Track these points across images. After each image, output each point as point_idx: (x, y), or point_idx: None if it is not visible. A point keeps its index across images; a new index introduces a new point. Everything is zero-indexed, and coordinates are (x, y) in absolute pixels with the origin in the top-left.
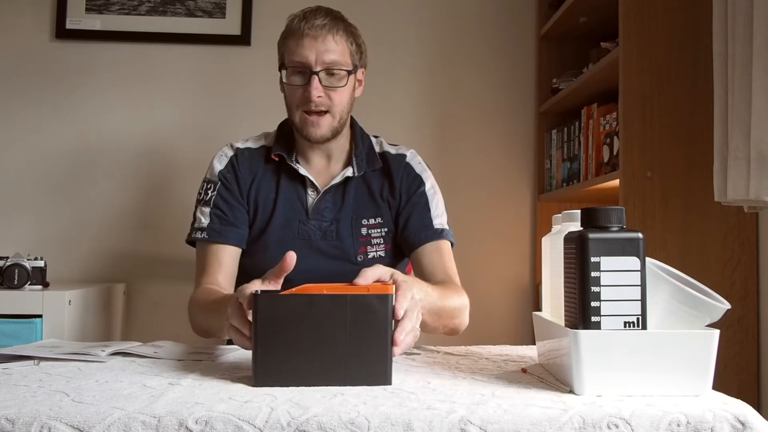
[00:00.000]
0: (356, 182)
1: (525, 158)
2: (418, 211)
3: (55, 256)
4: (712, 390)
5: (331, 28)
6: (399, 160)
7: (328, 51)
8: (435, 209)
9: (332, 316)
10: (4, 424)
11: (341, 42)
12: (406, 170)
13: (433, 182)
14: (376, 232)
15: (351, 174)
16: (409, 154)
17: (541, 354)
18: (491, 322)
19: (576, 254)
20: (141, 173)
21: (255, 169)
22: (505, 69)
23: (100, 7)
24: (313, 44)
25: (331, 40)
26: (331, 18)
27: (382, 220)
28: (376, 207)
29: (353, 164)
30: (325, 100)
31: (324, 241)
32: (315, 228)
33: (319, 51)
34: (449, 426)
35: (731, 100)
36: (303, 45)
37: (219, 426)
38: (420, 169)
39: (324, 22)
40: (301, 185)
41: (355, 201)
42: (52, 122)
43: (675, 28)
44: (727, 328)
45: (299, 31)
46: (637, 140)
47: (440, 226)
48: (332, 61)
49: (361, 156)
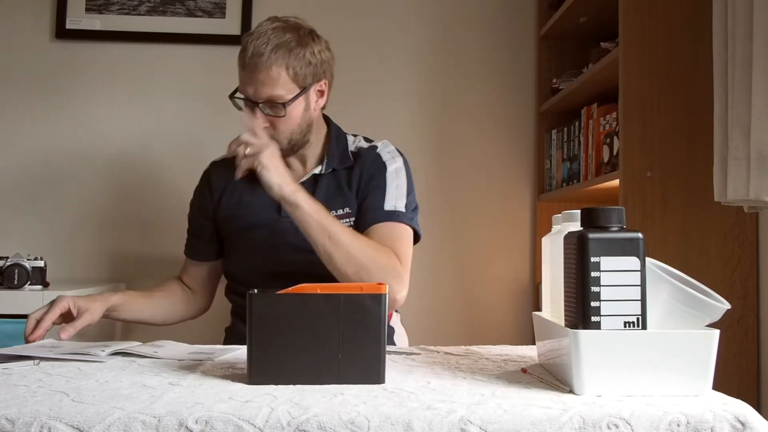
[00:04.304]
0: (327, 179)
1: (525, 158)
2: (373, 193)
3: (55, 256)
4: (712, 390)
5: (269, 59)
6: (370, 151)
7: (265, 85)
8: (393, 191)
9: (326, 315)
10: (4, 424)
11: (281, 72)
12: (372, 157)
13: (399, 167)
14: (345, 221)
15: (319, 171)
16: (381, 145)
17: (541, 354)
18: (491, 322)
19: (576, 254)
20: (141, 173)
21: (228, 176)
22: (505, 69)
23: (100, 7)
24: (252, 77)
25: (269, 73)
26: (273, 45)
27: (350, 210)
28: (343, 198)
29: (324, 163)
30: (270, 129)
31: (297, 236)
32: (288, 225)
33: (258, 86)
34: (449, 426)
35: (731, 100)
36: (244, 77)
37: (219, 426)
38: (387, 157)
39: (264, 50)
40: None
41: (325, 195)
42: (52, 122)
43: (675, 28)
44: (727, 328)
45: (242, 59)
46: (637, 140)
47: (392, 208)
48: (271, 96)
49: (333, 155)
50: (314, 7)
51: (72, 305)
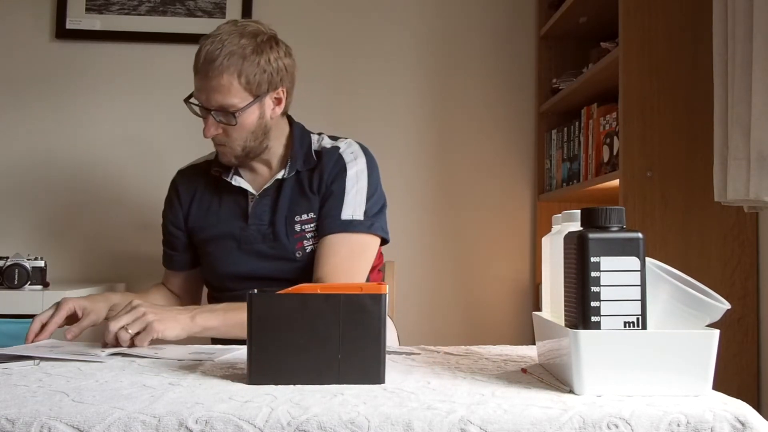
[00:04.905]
0: (290, 183)
1: (525, 158)
2: (331, 200)
3: (55, 256)
4: (712, 390)
5: (220, 65)
6: (333, 152)
7: (216, 92)
8: (353, 198)
9: (326, 315)
10: (4, 424)
11: (233, 81)
12: (334, 159)
13: (360, 169)
14: (310, 226)
15: (281, 176)
16: (343, 145)
17: (541, 354)
18: (491, 322)
19: (576, 254)
20: (141, 173)
21: (194, 185)
22: (505, 69)
23: (100, 7)
24: (204, 84)
25: (220, 81)
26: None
27: (314, 214)
28: (308, 202)
29: (287, 167)
30: (222, 136)
31: (264, 243)
32: (255, 232)
33: (209, 92)
34: (449, 426)
35: (731, 100)
36: (197, 82)
37: (219, 426)
38: (350, 158)
39: (216, 55)
40: (241, 194)
41: (289, 200)
42: (52, 122)
43: (675, 28)
44: (727, 328)
45: (197, 64)
46: (637, 140)
47: (349, 217)
48: (222, 104)
49: (296, 158)
50: (315, 8)
51: (77, 307)
